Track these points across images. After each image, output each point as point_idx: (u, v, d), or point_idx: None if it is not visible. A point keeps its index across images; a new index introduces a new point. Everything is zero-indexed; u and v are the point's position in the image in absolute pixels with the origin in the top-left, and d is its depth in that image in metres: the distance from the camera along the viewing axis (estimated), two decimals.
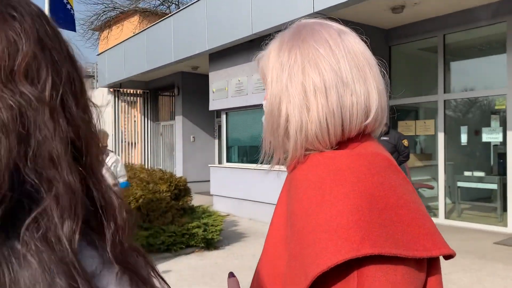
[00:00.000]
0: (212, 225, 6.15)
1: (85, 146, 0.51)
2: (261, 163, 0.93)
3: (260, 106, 6.43)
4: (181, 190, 6.39)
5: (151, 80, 14.24)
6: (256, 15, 7.46)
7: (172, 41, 9.97)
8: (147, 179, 6.12)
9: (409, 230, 0.64)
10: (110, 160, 4.94)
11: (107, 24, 22.23)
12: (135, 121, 15.03)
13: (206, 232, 6.02)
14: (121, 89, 14.41)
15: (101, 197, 0.52)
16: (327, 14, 6.56)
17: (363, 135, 0.78)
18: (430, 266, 0.69)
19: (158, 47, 10.65)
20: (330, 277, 0.62)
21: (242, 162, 9.21)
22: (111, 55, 13.47)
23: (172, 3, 21.67)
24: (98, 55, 14.64)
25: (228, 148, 9.57)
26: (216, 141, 13.36)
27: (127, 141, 14.65)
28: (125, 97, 14.62)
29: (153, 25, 11.15)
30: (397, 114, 8.28)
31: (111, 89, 14.34)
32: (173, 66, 11.08)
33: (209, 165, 10.00)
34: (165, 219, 5.92)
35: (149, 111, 14.84)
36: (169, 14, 10.62)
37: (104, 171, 0.57)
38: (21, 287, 0.42)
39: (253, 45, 8.26)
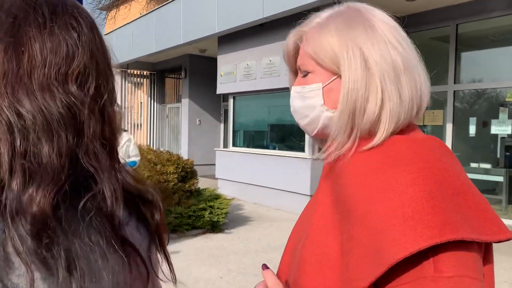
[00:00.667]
0: (218, 208, 6.20)
1: (114, 142, 0.62)
2: (316, 153, 0.88)
3: (269, 91, 6.42)
4: (188, 172, 6.42)
5: (158, 62, 14.19)
6: None
7: (181, 23, 9.90)
8: (154, 160, 6.15)
9: (478, 215, 0.64)
10: (123, 139, 4.96)
11: (115, 4, 22.06)
12: (141, 102, 15.02)
13: (212, 215, 6.08)
14: (128, 70, 14.38)
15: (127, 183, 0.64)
16: None
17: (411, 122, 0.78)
18: (486, 251, 0.69)
19: (166, 29, 10.58)
20: (403, 264, 0.61)
21: (248, 146, 9.23)
22: (119, 35, 13.40)
23: None
24: (105, 35, 14.55)
25: (234, 132, 9.58)
26: (222, 125, 13.35)
27: (132, 122, 14.68)
28: (131, 78, 14.59)
29: (162, 6, 11.05)
30: None
31: (118, 70, 14.30)
32: (181, 48, 11.01)
33: (215, 149, 10.02)
34: (172, 201, 5.96)
35: (156, 93, 14.83)
36: None
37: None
38: (84, 247, 0.53)
39: (262, 29, 8.20)
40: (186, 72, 12.87)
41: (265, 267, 0.79)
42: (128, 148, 4.99)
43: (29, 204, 0.50)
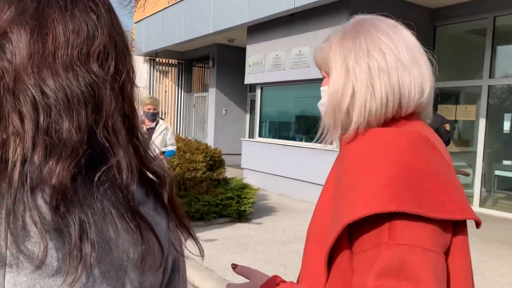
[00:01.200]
0: (245, 198, 6.24)
1: (133, 119, 0.65)
2: (319, 142, 1.05)
3: (297, 82, 6.39)
4: (216, 161, 6.48)
5: (186, 51, 14.28)
6: None
7: (211, 12, 9.91)
8: (183, 149, 6.22)
9: (436, 196, 0.75)
10: (160, 127, 5.05)
11: None
12: (166, 91, 15.17)
13: (239, 204, 6.13)
14: (156, 59, 14.53)
15: (150, 160, 0.67)
16: None
17: (412, 115, 0.91)
18: (455, 230, 0.80)
19: (196, 18, 10.62)
20: (365, 229, 0.77)
21: (274, 137, 9.23)
22: (149, 23, 13.54)
23: None
24: (136, 23, 14.73)
25: (261, 122, 9.59)
26: (248, 115, 13.38)
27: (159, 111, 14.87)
28: (160, 66, 14.74)
29: None
30: (439, 97, 8.06)
31: (147, 58, 14.47)
32: (210, 37, 11.04)
33: (241, 139, 10.06)
34: (200, 189, 6.04)
35: (183, 82, 14.95)
36: None
37: (152, 139, 0.70)
38: (97, 218, 0.56)
39: (293, 19, 8.14)
40: (213, 61, 12.92)
41: (235, 266, 1.00)
42: (166, 136, 5.09)
43: (49, 176, 0.53)
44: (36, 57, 0.56)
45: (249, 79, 9.55)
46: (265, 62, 8.95)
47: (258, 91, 9.51)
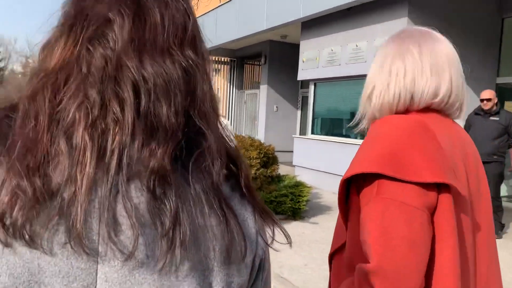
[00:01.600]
0: (299, 195, 6.14)
1: (216, 106, 0.66)
2: (353, 127, 1.26)
3: (354, 78, 6.19)
4: (269, 158, 6.42)
5: (239, 49, 14.34)
6: None
7: (265, 9, 9.87)
8: (237, 145, 6.21)
9: (415, 165, 0.93)
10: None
11: None
12: (218, 88, 15.32)
13: (293, 202, 6.04)
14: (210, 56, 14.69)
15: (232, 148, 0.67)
16: None
17: (426, 110, 1.10)
18: (442, 194, 0.95)
19: (250, 15, 10.62)
20: (365, 186, 0.98)
21: (327, 134, 9.04)
22: (203, 21, 13.67)
23: None
24: None
25: (313, 119, 9.42)
26: (299, 112, 13.24)
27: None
28: (213, 64, 14.90)
29: None
30: (505, 94, 7.57)
31: None
32: (263, 34, 11.01)
33: (293, 136, 9.95)
34: (254, 185, 5.99)
35: (235, 79, 15.04)
36: None
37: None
38: (189, 204, 0.56)
39: (349, 13, 7.91)
40: (266, 58, 12.88)
41: None
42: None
43: (148, 159, 0.54)
44: (137, 44, 0.57)
45: (302, 75, 9.41)
46: (319, 57, 8.78)
47: (312, 87, 9.35)
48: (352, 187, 1.05)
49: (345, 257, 1.09)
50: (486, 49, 7.49)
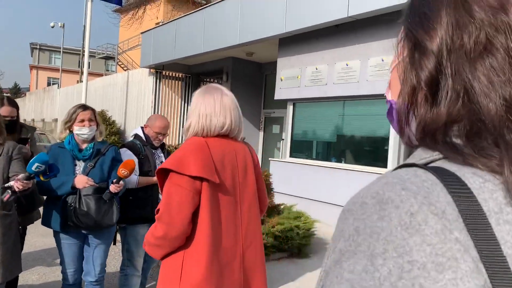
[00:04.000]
0: (303, 229, 5.41)
1: None
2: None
3: (343, 99, 5.58)
4: (266, 185, 5.63)
5: (194, 65, 13.49)
6: None
7: (239, 21, 9.18)
8: None
9: (189, 165, 1.76)
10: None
11: (143, 3, 21.46)
12: (172, 105, 14.28)
13: (298, 236, 5.28)
14: (163, 71, 13.67)
15: None
16: None
17: (219, 135, 1.89)
18: (206, 187, 1.79)
19: (219, 28, 9.86)
20: (167, 175, 1.83)
21: (308, 158, 8.44)
22: (158, 34, 12.71)
23: None
24: (142, 33, 13.87)
25: (293, 142, 8.79)
26: (261, 133, 12.61)
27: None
28: (166, 80, 13.87)
29: (215, 3, 10.36)
30: None
31: (152, 70, 13.61)
32: (226, 51, 10.31)
33: (270, 159, 9.23)
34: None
35: (190, 96, 14.07)
36: None
37: None
38: None
39: (337, 30, 7.47)
40: (227, 76, 12.15)
41: None
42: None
43: None
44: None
45: (280, 94, 8.78)
46: (301, 76, 8.22)
47: (290, 108, 8.74)
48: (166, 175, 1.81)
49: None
50: None
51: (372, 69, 6.83)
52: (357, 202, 0.50)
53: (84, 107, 2.98)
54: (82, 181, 2.81)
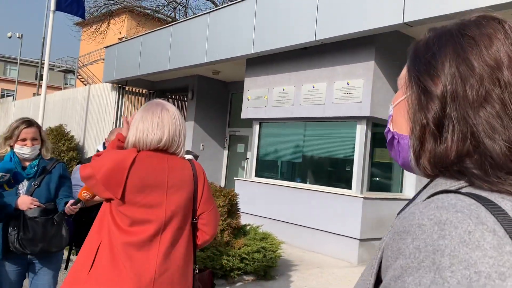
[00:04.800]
0: (270, 250, 5.34)
1: None
2: None
3: (309, 120, 5.68)
4: (232, 205, 5.56)
5: (159, 81, 13.33)
6: (323, 19, 6.80)
7: (207, 40, 9.17)
8: None
9: (109, 172, 1.83)
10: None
11: (107, 17, 21.12)
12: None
13: (265, 258, 5.21)
14: (126, 87, 13.40)
15: None
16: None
17: (156, 150, 1.90)
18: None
19: (186, 46, 9.81)
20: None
21: (275, 178, 8.43)
22: (123, 49, 12.49)
23: (179, 4, 20.80)
24: (106, 47, 13.59)
25: (258, 161, 8.76)
26: (226, 151, 12.55)
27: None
28: (130, 95, 13.59)
29: (183, 21, 10.32)
30: None
31: (115, 85, 13.31)
32: (192, 68, 10.27)
33: (235, 178, 9.14)
34: (221, 239, 5.07)
35: None
36: (209, 10, 9.77)
37: None
38: None
39: (305, 52, 7.61)
40: (193, 93, 12.07)
41: None
42: None
43: None
44: None
45: (247, 113, 8.78)
46: (268, 96, 8.27)
47: (256, 127, 8.75)
48: None
49: None
50: None
51: (338, 91, 6.97)
52: (413, 224, 0.56)
53: (28, 123, 2.71)
54: (26, 202, 2.58)
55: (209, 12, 9.26)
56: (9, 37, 29.37)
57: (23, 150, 2.67)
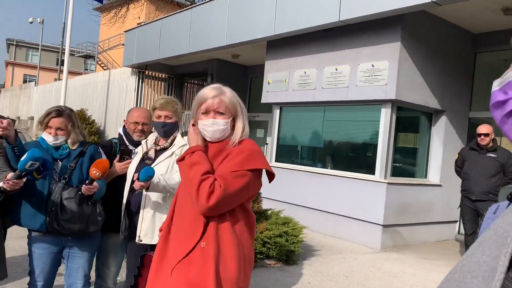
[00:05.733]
0: (292, 235, 5.27)
1: None
2: None
3: (331, 104, 5.52)
4: None
5: (178, 65, 13.27)
6: None
7: (227, 23, 9.03)
8: None
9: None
10: (173, 147, 3.86)
11: (126, 2, 21.09)
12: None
13: (287, 242, 5.15)
14: (146, 71, 13.39)
15: None
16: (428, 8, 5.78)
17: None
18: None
19: (206, 29, 9.69)
20: None
21: (294, 163, 8.33)
22: (143, 33, 12.44)
23: None
24: (126, 31, 13.57)
25: (278, 146, 8.66)
26: None
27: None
28: (149, 80, 13.60)
29: (203, 3, 10.19)
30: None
31: (134, 69, 13.32)
32: (211, 52, 10.16)
33: None
34: None
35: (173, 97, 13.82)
36: None
37: None
38: None
39: (326, 35, 7.41)
40: (212, 78, 11.97)
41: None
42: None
43: None
44: None
45: (267, 97, 8.66)
46: (289, 80, 8.12)
47: (277, 112, 8.63)
48: None
49: None
50: (462, 82, 7.44)
51: (362, 74, 6.78)
52: None
53: (57, 112, 2.71)
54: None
55: None
56: (31, 23, 29.70)
57: (48, 137, 2.69)
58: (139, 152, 2.89)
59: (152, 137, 2.93)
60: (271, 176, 1.93)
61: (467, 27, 7.25)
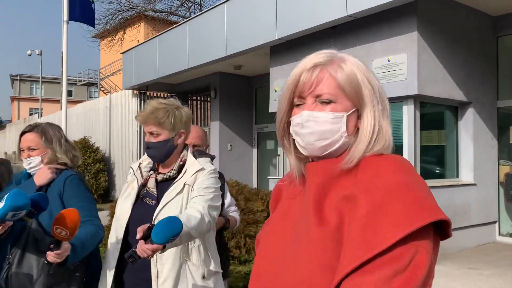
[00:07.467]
0: None
1: None
2: None
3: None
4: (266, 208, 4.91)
5: (179, 83, 12.83)
6: None
7: (226, 31, 8.54)
8: (235, 196, 4.63)
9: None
10: (185, 176, 3.03)
11: (122, 25, 20.86)
12: None
13: None
14: (147, 92, 12.96)
15: None
16: None
17: None
18: None
19: (205, 40, 9.21)
20: None
21: None
22: (140, 52, 12.03)
23: (193, 3, 20.30)
24: (123, 53, 13.18)
25: None
26: (255, 150, 11.92)
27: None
28: (151, 100, 13.15)
29: (199, 14, 9.74)
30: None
31: (135, 91, 12.89)
32: (212, 66, 9.68)
33: (269, 177, 8.50)
34: None
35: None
36: None
37: None
38: None
39: (335, 32, 6.87)
40: (216, 92, 11.49)
41: None
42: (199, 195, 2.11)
43: None
44: None
45: (275, 106, 8.09)
46: None
47: None
48: None
49: None
50: (486, 69, 6.83)
51: (378, 70, 6.20)
52: None
53: (28, 127, 2.22)
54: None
55: (225, 1, 8.62)
56: (29, 55, 29.66)
57: (24, 163, 2.14)
58: (130, 183, 2.09)
59: (147, 159, 2.15)
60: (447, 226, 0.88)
61: (485, 10, 6.66)
